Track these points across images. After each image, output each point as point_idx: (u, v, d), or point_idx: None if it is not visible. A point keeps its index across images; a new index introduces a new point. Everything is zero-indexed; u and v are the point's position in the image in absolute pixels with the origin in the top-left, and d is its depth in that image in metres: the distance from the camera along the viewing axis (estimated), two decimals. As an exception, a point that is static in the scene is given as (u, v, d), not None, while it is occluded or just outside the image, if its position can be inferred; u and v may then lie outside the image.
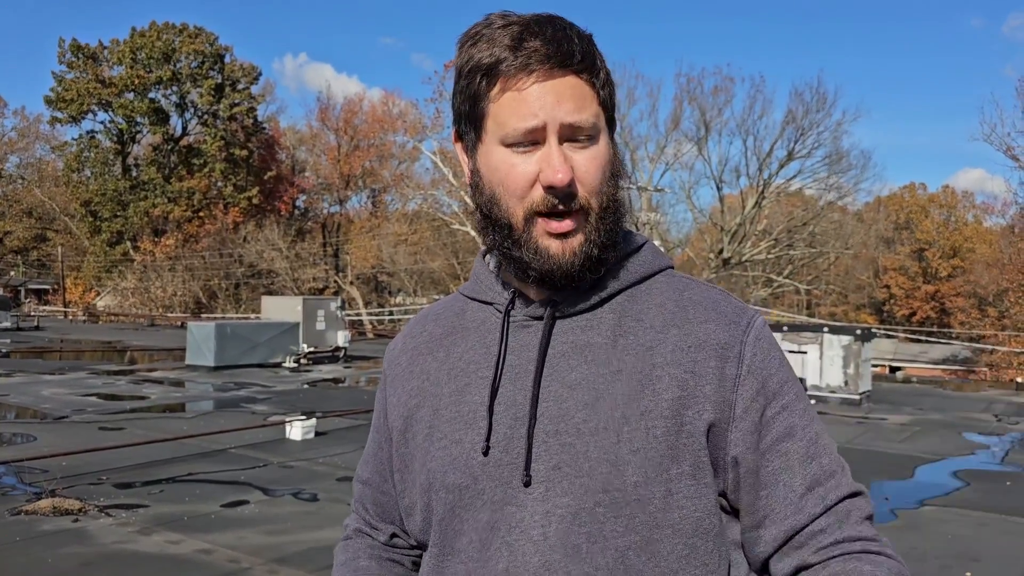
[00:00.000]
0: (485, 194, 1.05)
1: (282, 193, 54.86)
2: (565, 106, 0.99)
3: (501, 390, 1.06)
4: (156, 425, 11.86)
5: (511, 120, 1.00)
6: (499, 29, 1.01)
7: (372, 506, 1.25)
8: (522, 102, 0.99)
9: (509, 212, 1.02)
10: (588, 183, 1.01)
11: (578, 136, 1.00)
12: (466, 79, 1.03)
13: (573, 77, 1.00)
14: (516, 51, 0.99)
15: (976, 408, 16.76)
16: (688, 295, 1.09)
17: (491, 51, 1.00)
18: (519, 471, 1.01)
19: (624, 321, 1.06)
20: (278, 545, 6.35)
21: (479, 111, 1.03)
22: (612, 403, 1.01)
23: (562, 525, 0.98)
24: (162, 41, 50.74)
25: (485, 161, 1.04)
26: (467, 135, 1.07)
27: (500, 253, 1.06)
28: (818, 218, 38.55)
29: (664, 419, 0.99)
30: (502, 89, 1.00)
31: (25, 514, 6.93)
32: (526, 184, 1.00)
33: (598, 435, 0.99)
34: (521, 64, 0.99)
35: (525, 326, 1.08)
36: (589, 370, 1.03)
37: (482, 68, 1.01)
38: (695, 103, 37.32)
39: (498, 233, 1.05)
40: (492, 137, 1.02)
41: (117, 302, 52.61)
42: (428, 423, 1.10)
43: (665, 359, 1.03)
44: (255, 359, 21.30)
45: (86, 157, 52.80)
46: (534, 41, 0.99)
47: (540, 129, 0.99)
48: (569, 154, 1.00)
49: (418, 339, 1.20)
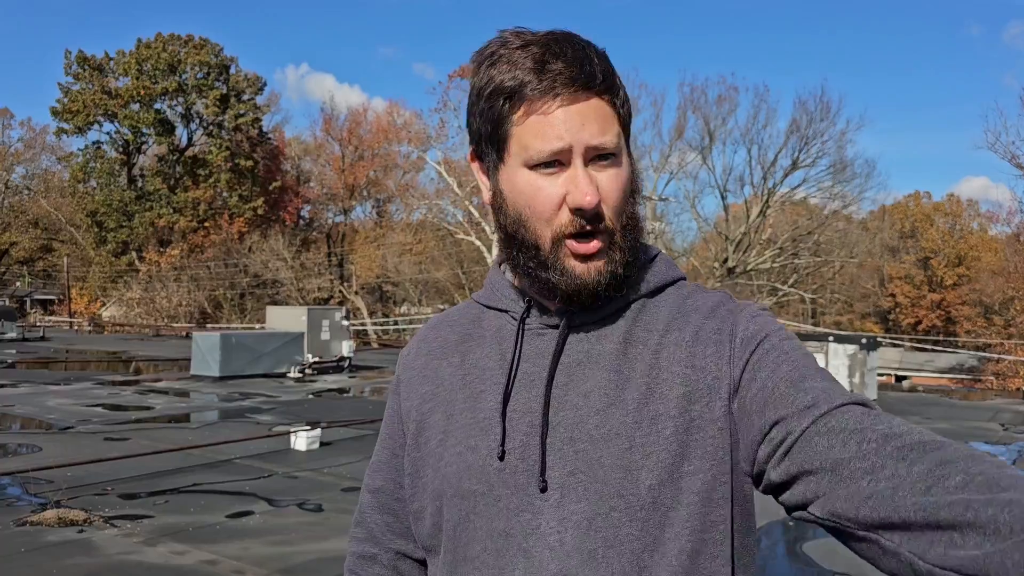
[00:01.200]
0: (510, 216, 1.06)
1: (287, 203, 54.99)
2: (590, 129, 1.00)
3: (516, 397, 1.06)
4: (161, 436, 11.86)
5: (536, 143, 1.00)
6: (518, 50, 1.01)
7: (382, 516, 1.24)
8: (548, 125, 1.00)
9: (537, 234, 1.04)
10: (611, 203, 1.02)
11: (601, 156, 1.02)
12: (487, 101, 1.03)
13: (596, 99, 1.01)
14: (540, 74, 0.99)
15: (983, 417, 16.69)
16: (690, 301, 1.11)
17: (513, 73, 1.00)
18: (535, 478, 1.02)
19: (634, 330, 1.08)
20: (283, 556, 6.34)
21: (502, 133, 1.04)
22: (623, 409, 1.02)
23: (578, 531, 0.99)
24: (168, 52, 50.99)
25: (509, 183, 1.05)
26: (488, 156, 1.08)
27: (525, 272, 1.07)
28: (823, 227, 38.53)
29: (672, 419, 1.00)
30: (527, 112, 1.01)
31: (30, 525, 6.93)
32: (553, 207, 1.01)
33: (611, 441, 1.00)
34: (546, 88, 0.99)
35: (540, 334, 1.09)
36: (601, 377, 1.04)
37: (505, 91, 1.01)
38: (699, 113, 37.41)
39: (524, 254, 1.06)
40: (516, 160, 1.03)
41: (122, 312, 52.71)
42: (442, 428, 1.11)
43: (669, 360, 1.04)
44: (260, 369, 21.31)
45: (92, 168, 53.00)
46: (557, 63, 0.99)
47: (566, 151, 1.00)
48: (593, 174, 1.01)
49: (432, 344, 1.21)
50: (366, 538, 1.26)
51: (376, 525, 1.24)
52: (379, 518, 1.24)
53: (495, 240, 26.95)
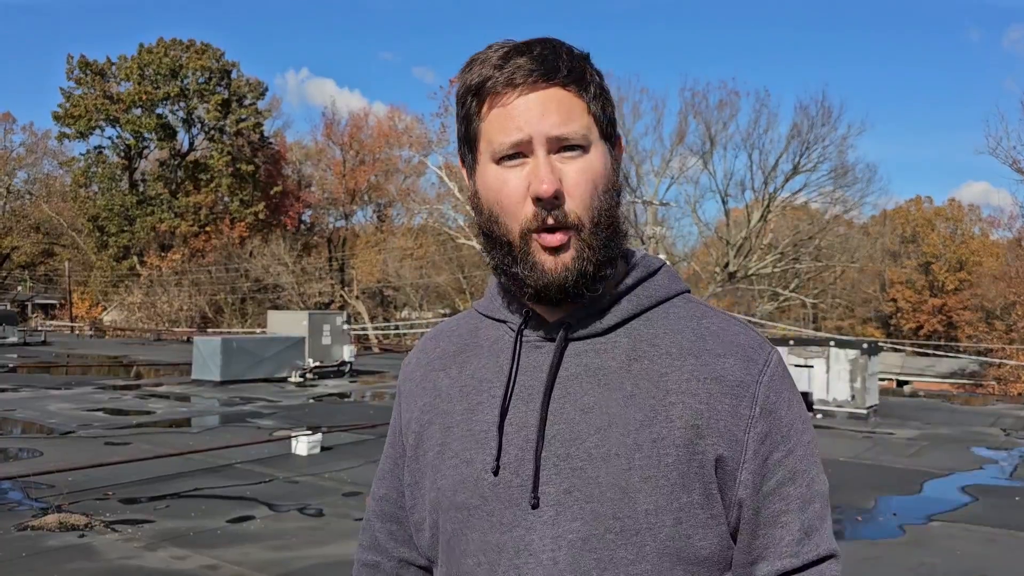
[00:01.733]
0: (484, 214, 1.06)
1: (288, 208, 55.02)
2: (551, 119, 0.99)
3: (512, 411, 1.05)
4: (162, 440, 11.87)
5: (498, 136, 1.01)
6: (492, 52, 1.03)
7: (386, 525, 1.25)
8: (507, 117, 1.00)
9: (507, 229, 1.03)
10: (577, 196, 1.01)
11: (567, 148, 1.01)
12: (460, 102, 1.05)
13: (559, 89, 1.01)
14: (502, 68, 1.00)
15: (984, 422, 16.67)
16: (706, 324, 1.09)
17: (480, 71, 1.02)
18: (528, 493, 1.01)
19: (639, 346, 1.06)
20: (284, 561, 6.34)
21: (472, 131, 1.05)
22: (624, 429, 1.00)
23: (572, 550, 0.98)
24: (169, 57, 51.06)
25: (482, 181, 1.05)
26: (466, 158, 1.09)
27: (502, 271, 1.07)
28: (824, 232, 38.52)
29: (676, 447, 0.99)
30: (490, 106, 1.02)
31: (31, 529, 6.93)
32: (519, 199, 1.01)
33: (609, 461, 0.99)
34: (505, 80, 1.00)
35: (538, 347, 1.08)
36: (602, 394, 1.03)
37: (472, 89, 1.03)
38: (700, 117, 37.42)
39: (499, 251, 1.05)
40: (485, 156, 1.04)
41: (123, 317, 52.71)
42: (439, 440, 1.10)
43: (680, 387, 1.02)
44: (261, 374, 21.31)
45: (93, 172, 53.05)
46: (520, 58, 1.01)
47: (526, 142, 1.00)
48: (559, 166, 1.00)
49: (431, 355, 1.20)
50: (370, 546, 1.26)
51: (380, 533, 1.25)
52: (383, 526, 1.24)
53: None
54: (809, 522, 1.05)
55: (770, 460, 1.03)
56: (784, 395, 1.06)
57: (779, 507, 1.04)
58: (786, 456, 1.04)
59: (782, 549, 1.04)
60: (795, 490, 1.04)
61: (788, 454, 1.05)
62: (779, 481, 1.04)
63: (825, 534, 1.06)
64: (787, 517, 1.04)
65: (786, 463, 1.04)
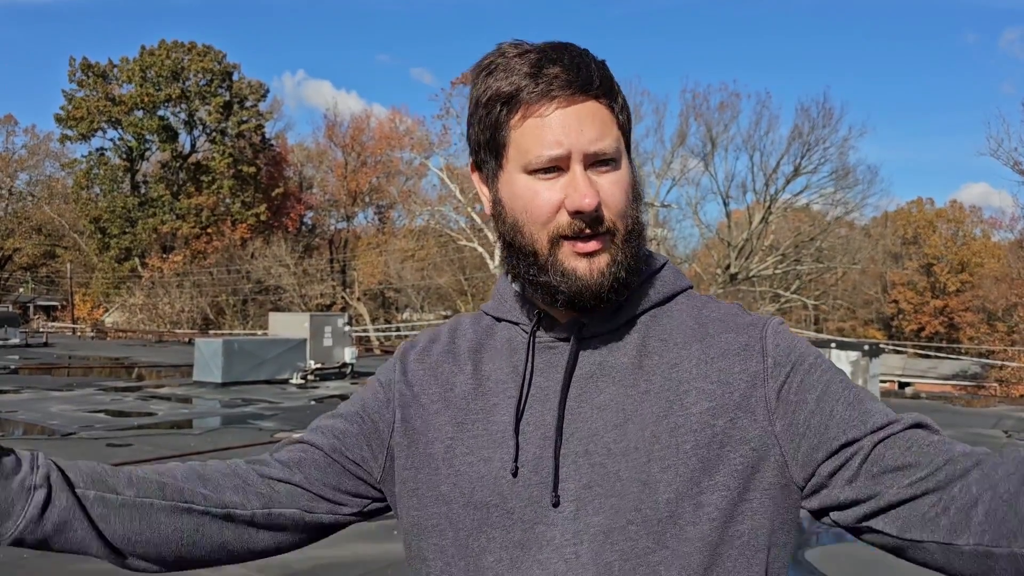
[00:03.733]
0: (508, 222, 1.05)
1: (289, 210, 55.08)
2: (588, 133, 0.99)
3: (529, 411, 1.06)
4: (163, 442, 11.87)
5: (534, 147, 1.00)
6: (515, 58, 1.02)
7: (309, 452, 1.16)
8: (545, 129, 0.99)
9: (533, 239, 1.03)
10: (613, 206, 1.02)
11: (601, 162, 1.01)
12: (485, 108, 1.03)
13: (593, 102, 1.01)
14: (536, 78, 0.99)
15: (986, 424, 16.65)
16: (706, 312, 1.11)
17: (509, 79, 1.00)
18: (548, 491, 1.01)
19: (648, 342, 1.07)
20: (285, 562, 6.34)
21: (500, 139, 1.03)
22: (641, 423, 1.01)
23: (594, 543, 0.98)
24: (171, 59, 51.15)
25: (507, 189, 1.04)
26: (487, 164, 1.07)
27: (526, 281, 1.06)
28: (825, 233, 38.53)
29: (693, 432, 1.00)
30: (523, 116, 1.00)
31: (32, 531, 6.93)
32: (550, 211, 1.01)
33: (628, 456, 1.00)
34: (542, 91, 0.99)
35: (551, 347, 1.08)
36: (617, 391, 1.03)
37: (502, 96, 1.01)
38: (701, 119, 37.45)
39: (523, 261, 1.05)
40: (514, 165, 1.03)
41: (125, 318, 52.76)
42: (449, 435, 1.09)
43: (691, 373, 1.03)
44: (262, 375, 21.32)
45: (95, 174, 53.14)
46: (553, 67, 0.99)
47: (564, 157, 0.99)
48: (594, 179, 1.01)
49: (445, 346, 1.19)
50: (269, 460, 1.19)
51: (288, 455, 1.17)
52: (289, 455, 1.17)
53: (497, 247, 27.33)
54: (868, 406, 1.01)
55: (798, 397, 1.01)
56: (794, 341, 1.07)
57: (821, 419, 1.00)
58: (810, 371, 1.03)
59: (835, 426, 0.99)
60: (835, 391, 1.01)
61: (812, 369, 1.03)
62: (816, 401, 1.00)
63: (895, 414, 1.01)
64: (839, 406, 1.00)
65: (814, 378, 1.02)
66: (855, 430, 0.98)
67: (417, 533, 1.11)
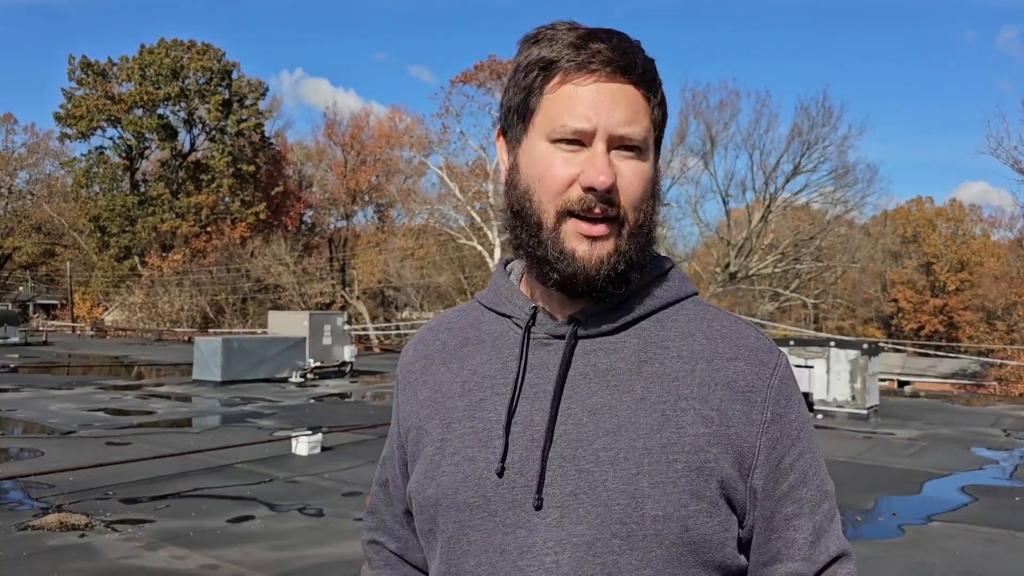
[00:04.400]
0: (520, 188, 1.03)
1: (289, 208, 55.04)
2: (618, 114, 0.98)
3: (518, 409, 1.03)
4: (163, 440, 11.88)
5: (562, 116, 0.98)
6: (564, 31, 1.01)
7: (390, 508, 1.25)
8: (577, 99, 0.98)
9: (541, 209, 1.01)
10: (629, 194, 1.00)
11: (627, 147, 0.99)
12: (523, 72, 1.02)
13: (631, 87, 1.00)
14: (580, 49, 0.98)
15: (984, 423, 16.67)
16: (717, 327, 1.08)
17: (552, 47, 1.00)
18: (533, 494, 0.99)
19: (649, 347, 1.04)
20: (284, 561, 6.35)
21: (531, 104, 1.02)
22: (634, 433, 0.98)
23: (576, 553, 0.96)
24: (170, 58, 51.10)
25: (527, 154, 1.03)
26: (513, 129, 1.06)
27: (525, 253, 1.04)
28: (825, 232, 38.53)
29: (686, 453, 0.98)
30: (559, 83, 0.99)
31: (32, 529, 6.95)
32: (564, 183, 0.99)
33: (618, 465, 0.97)
34: (583, 61, 0.98)
35: (545, 344, 1.06)
36: (611, 396, 1.01)
37: (542, 62, 1.00)
38: (701, 118, 37.42)
39: (526, 231, 1.03)
40: (539, 131, 1.01)
41: (125, 317, 52.74)
42: (439, 436, 1.08)
43: (691, 392, 1.01)
44: (261, 374, 21.31)
45: (95, 173, 53.10)
46: (599, 44, 0.99)
47: (590, 133, 0.98)
48: (615, 162, 0.99)
49: (431, 347, 1.18)
50: (376, 527, 1.28)
51: (386, 516, 1.26)
52: (388, 509, 1.25)
53: (497, 245, 27.02)
54: (820, 524, 1.06)
55: (782, 464, 1.04)
56: (793, 399, 1.07)
57: (792, 510, 1.05)
58: (797, 460, 1.06)
59: (794, 552, 1.05)
60: (807, 492, 1.06)
61: (798, 457, 1.06)
62: (791, 484, 1.05)
63: (835, 534, 1.08)
64: (799, 520, 1.05)
65: (797, 466, 1.06)
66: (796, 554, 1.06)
67: (420, 534, 1.13)
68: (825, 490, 1.09)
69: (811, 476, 1.07)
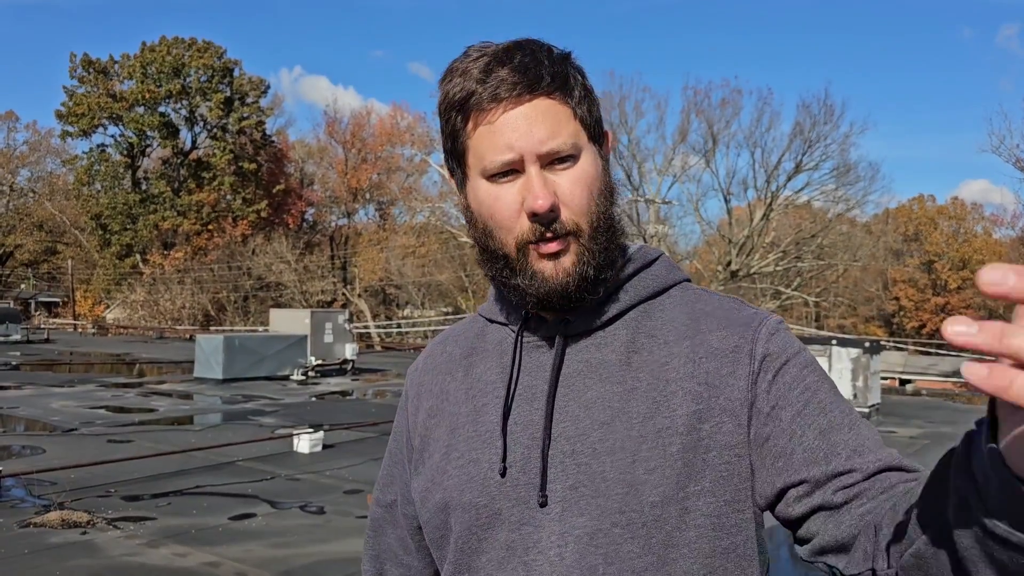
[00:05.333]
0: (479, 228, 1.05)
1: (290, 206, 55.07)
2: (538, 133, 0.97)
3: (516, 410, 1.05)
4: (164, 438, 11.88)
5: (488, 153, 0.99)
6: (472, 61, 1.00)
7: (396, 531, 1.24)
8: (496, 134, 0.98)
9: (503, 243, 1.02)
10: (574, 205, 1.00)
11: (558, 160, 0.99)
12: (444, 116, 1.03)
13: (544, 100, 0.99)
14: (484, 83, 0.98)
15: (986, 421, 16.63)
16: (700, 306, 1.08)
17: (463, 85, 1.00)
18: (536, 491, 1.01)
19: (638, 338, 1.05)
20: (285, 558, 6.35)
21: (460, 147, 1.03)
22: (627, 422, 0.99)
23: (579, 545, 0.97)
24: (172, 55, 51.11)
25: (473, 196, 1.04)
26: (455, 172, 1.08)
27: (500, 283, 1.06)
28: (826, 230, 38.47)
29: (680, 435, 0.98)
30: (475, 124, 1.00)
31: (34, 526, 6.95)
32: (512, 214, 1.00)
33: (614, 455, 0.98)
34: (490, 95, 0.98)
35: (538, 346, 1.08)
36: (604, 388, 1.02)
37: (456, 104, 1.01)
38: (702, 116, 37.35)
39: (495, 264, 1.04)
40: (475, 172, 1.02)
41: (126, 315, 52.79)
42: (445, 442, 1.10)
43: (678, 373, 1.01)
44: (263, 372, 21.33)
45: (96, 171, 53.13)
46: (502, 70, 0.98)
47: (518, 161, 0.98)
48: (551, 178, 0.99)
49: (438, 359, 1.20)
50: (377, 555, 1.27)
51: (391, 539, 1.25)
52: (393, 533, 1.24)
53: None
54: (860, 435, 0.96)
55: (778, 405, 0.98)
56: (788, 344, 1.02)
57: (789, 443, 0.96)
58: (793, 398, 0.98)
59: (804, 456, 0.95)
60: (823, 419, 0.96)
61: (795, 393, 0.98)
62: (790, 421, 0.97)
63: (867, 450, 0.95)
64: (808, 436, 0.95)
65: (794, 402, 0.98)
66: (818, 468, 0.94)
67: (431, 542, 1.13)
68: (853, 417, 0.97)
69: (829, 404, 0.98)
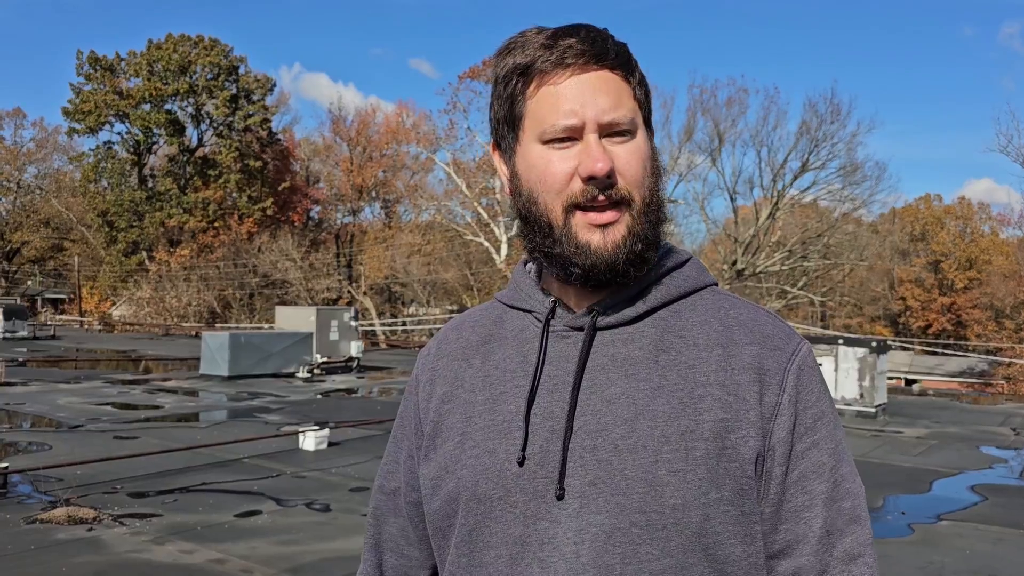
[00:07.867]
0: (523, 194, 1.05)
1: (296, 204, 55.13)
2: (602, 103, 0.99)
3: (537, 401, 1.03)
4: (170, 435, 11.90)
5: (549, 116, 1.00)
6: (532, 35, 1.03)
7: (398, 520, 1.22)
8: (559, 97, 1.00)
9: (547, 208, 1.02)
10: (629, 175, 1.00)
11: (616, 131, 1.00)
12: (503, 82, 1.04)
13: (608, 72, 1.01)
14: (551, 48, 1.00)
15: (993, 422, 16.60)
16: (734, 314, 1.07)
17: (526, 52, 1.02)
18: (553, 484, 0.99)
19: (667, 337, 1.04)
20: (291, 555, 6.35)
21: (517, 112, 1.04)
22: (651, 421, 0.98)
23: (596, 543, 0.96)
24: (178, 53, 51.20)
25: (524, 161, 1.04)
26: (505, 139, 1.07)
27: (542, 254, 1.05)
28: (832, 229, 38.40)
29: (705, 440, 0.97)
30: (538, 85, 1.01)
31: (40, 523, 6.96)
32: (564, 179, 1.00)
33: (636, 453, 0.97)
34: (556, 59, 1.00)
35: (564, 336, 1.06)
36: (629, 385, 1.01)
37: (518, 69, 1.02)
38: (708, 114, 37.36)
39: (538, 233, 1.04)
40: (530, 136, 1.03)
41: (132, 312, 52.91)
42: (460, 430, 1.08)
43: (708, 379, 1.01)
44: (269, 369, 21.35)
45: (103, 168, 53.26)
46: (568, 39, 1.00)
47: (579, 127, 0.99)
48: (609, 148, 1.00)
49: (453, 344, 1.18)
50: (377, 544, 1.25)
51: (394, 529, 1.22)
52: (395, 522, 1.22)
53: (504, 241, 27.03)
54: (833, 521, 1.02)
55: (794, 451, 1.01)
56: (813, 387, 1.05)
57: (801, 501, 1.02)
58: (810, 448, 1.02)
59: (802, 547, 1.01)
60: (819, 486, 1.02)
61: (812, 447, 1.03)
62: (802, 474, 1.02)
63: (852, 537, 1.03)
64: (810, 513, 1.02)
65: (811, 456, 1.02)
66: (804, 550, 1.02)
67: (434, 532, 1.11)
68: (846, 488, 1.04)
69: (827, 469, 1.03)
